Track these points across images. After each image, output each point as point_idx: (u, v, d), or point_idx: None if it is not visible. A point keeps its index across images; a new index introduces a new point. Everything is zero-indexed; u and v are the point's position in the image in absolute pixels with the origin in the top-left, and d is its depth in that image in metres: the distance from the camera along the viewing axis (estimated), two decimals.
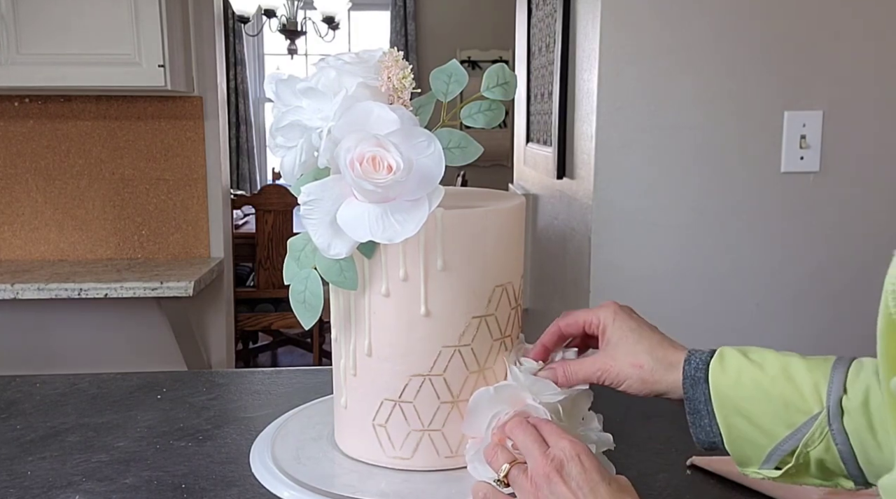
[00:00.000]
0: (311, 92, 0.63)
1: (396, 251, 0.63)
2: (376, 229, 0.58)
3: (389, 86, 0.62)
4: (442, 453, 0.67)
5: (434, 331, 0.65)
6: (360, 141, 0.58)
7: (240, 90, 5.71)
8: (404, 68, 0.62)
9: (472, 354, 0.66)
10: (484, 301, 0.66)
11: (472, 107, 0.67)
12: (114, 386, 1.08)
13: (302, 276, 0.63)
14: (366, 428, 0.67)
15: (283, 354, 4.21)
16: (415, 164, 0.58)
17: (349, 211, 0.59)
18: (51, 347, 2.48)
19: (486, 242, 0.66)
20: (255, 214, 3.35)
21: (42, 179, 2.43)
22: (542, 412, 0.63)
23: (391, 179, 0.57)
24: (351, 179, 0.57)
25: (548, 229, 2.08)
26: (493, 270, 0.67)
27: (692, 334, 1.57)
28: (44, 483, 0.79)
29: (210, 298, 2.53)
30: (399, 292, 0.64)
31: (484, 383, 0.67)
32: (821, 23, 1.51)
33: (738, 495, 0.78)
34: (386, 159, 0.57)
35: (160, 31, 2.11)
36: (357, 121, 0.59)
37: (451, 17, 5.59)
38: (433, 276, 0.63)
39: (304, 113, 0.63)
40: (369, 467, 0.68)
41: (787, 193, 1.56)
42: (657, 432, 0.92)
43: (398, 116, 0.59)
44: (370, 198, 0.58)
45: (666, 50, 1.51)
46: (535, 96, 2.29)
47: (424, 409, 0.66)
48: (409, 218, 0.58)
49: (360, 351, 0.66)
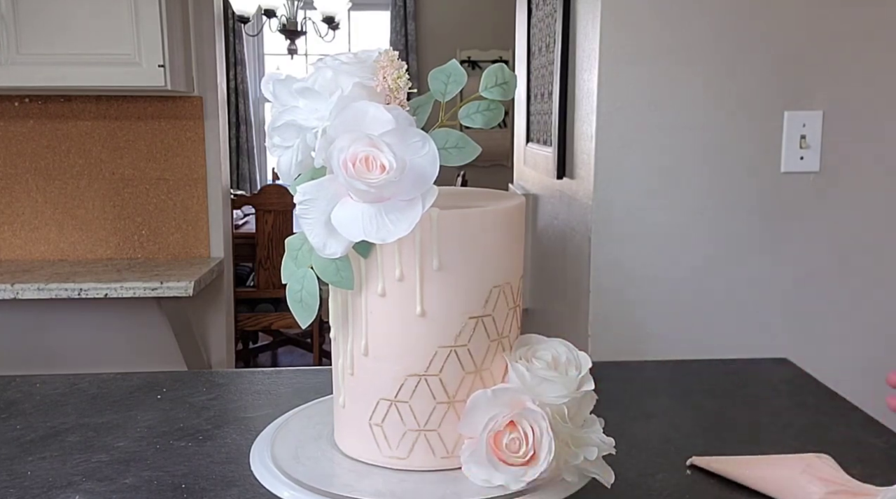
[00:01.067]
0: (307, 92, 0.63)
1: (392, 251, 0.63)
2: (370, 229, 0.58)
3: (385, 86, 0.62)
4: (438, 453, 0.67)
5: (430, 331, 0.64)
6: (353, 141, 0.58)
7: (240, 90, 5.71)
8: (399, 68, 0.62)
9: (468, 354, 0.66)
10: (481, 302, 0.66)
11: (471, 107, 0.67)
12: (114, 386, 1.08)
13: (299, 275, 0.63)
14: (363, 427, 0.68)
15: (283, 354, 4.21)
16: (408, 164, 0.58)
17: (343, 211, 0.59)
18: (51, 348, 2.48)
19: (483, 243, 0.66)
20: (255, 214, 3.36)
21: (42, 178, 2.43)
22: (539, 416, 0.62)
23: (384, 178, 0.57)
24: (344, 179, 0.57)
25: (548, 229, 2.08)
26: (491, 270, 0.66)
27: (692, 334, 1.57)
28: (44, 483, 0.79)
29: (210, 298, 2.53)
30: (395, 292, 0.64)
31: (481, 383, 0.67)
32: (821, 23, 1.51)
33: (738, 495, 0.78)
34: (379, 159, 0.57)
35: (160, 31, 2.11)
36: (352, 121, 0.60)
37: (451, 17, 5.59)
38: (429, 276, 0.63)
39: (300, 113, 0.63)
40: (368, 467, 0.68)
41: (787, 193, 1.56)
42: (657, 432, 0.92)
43: (393, 117, 0.60)
44: (364, 198, 0.59)
45: (666, 50, 1.51)
46: (535, 96, 2.29)
47: (420, 409, 0.66)
48: (402, 218, 0.58)
49: (357, 351, 0.66)
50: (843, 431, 0.93)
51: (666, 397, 1.06)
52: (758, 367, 1.14)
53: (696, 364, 1.21)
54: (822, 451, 0.77)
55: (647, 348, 1.56)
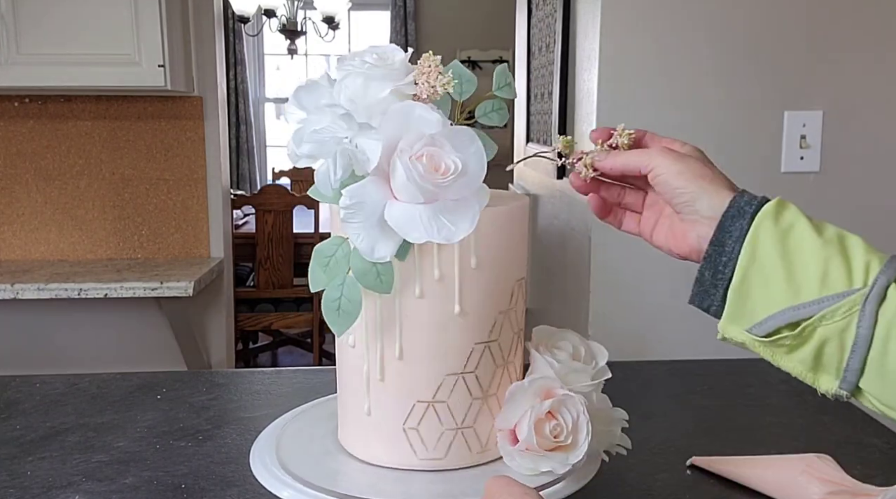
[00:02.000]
0: (336, 105, 0.61)
1: (431, 252, 0.63)
2: (431, 230, 0.57)
3: (433, 93, 0.61)
4: (474, 449, 0.68)
5: (467, 329, 0.65)
6: (415, 141, 0.57)
7: (240, 90, 5.71)
8: (445, 73, 0.62)
9: (498, 349, 0.67)
10: (508, 296, 0.67)
11: (486, 106, 0.68)
12: (114, 386, 1.08)
13: (336, 282, 0.61)
14: (395, 433, 0.67)
15: (283, 354, 4.21)
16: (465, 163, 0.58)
17: (398, 213, 0.58)
18: (51, 347, 2.48)
19: (511, 239, 0.67)
20: (255, 214, 3.35)
21: (42, 179, 2.43)
22: (577, 401, 0.64)
23: (451, 179, 0.57)
24: (412, 180, 0.56)
25: (548, 229, 2.08)
26: (515, 265, 0.68)
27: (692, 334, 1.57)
28: (44, 483, 0.79)
29: (210, 298, 2.53)
30: (433, 293, 0.64)
31: (508, 376, 0.68)
32: (821, 23, 1.51)
33: (738, 495, 0.78)
34: (443, 159, 0.57)
35: (160, 31, 2.11)
36: (401, 121, 0.59)
37: (451, 17, 5.59)
38: (467, 274, 0.64)
39: (333, 121, 0.61)
40: (370, 467, 0.68)
41: (787, 193, 1.55)
42: (657, 432, 0.92)
43: (440, 116, 0.59)
44: (426, 198, 0.58)
45: (666, 50, 1.51)
46: (535, 96, 2.29)
47: (458, 407, 0.66)
48: (459, 217, 0.58)
49: (390, 355, 0.66)
50: (843, 431, 0.93)
51: (666, 397, 1.06)
52: (758, 367, 1.14)
53: (696, 364, 1.21)
54: (822, 451, 0.77)
55: (647, 348, 1.56)
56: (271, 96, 6.00)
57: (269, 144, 6.03)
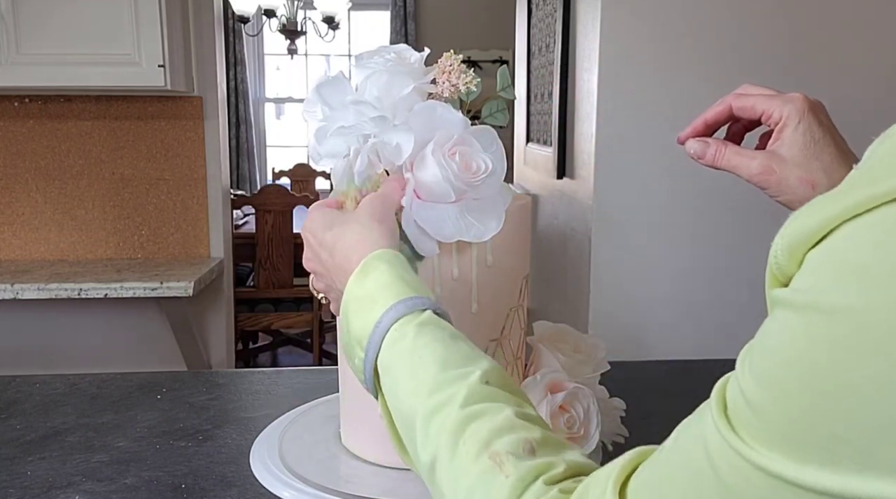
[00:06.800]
0: (364, 103, 0.61)
1: (450, 251, 0.63)
2: (461, 228, 0.58)
3: (455, 91, 0.61)
4: None
5: (481, 325, 0.66)
6: (446, 140, 0.57)
7: (240, 90, 5.70)
8: (466, 72, 0.62)
9: (509, 345, 0.68)
10: (517, 293, 0.68)
11: (491, 106, 0.69)
12: (114, 386, 1.08)
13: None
14: None
15: (283, 354, 4.21)
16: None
17: (426, 213, 0.58)
18: (51, 347, 2.48)
19: (517, 236, 0.68)
20: (255, 214, 3.35)
21: (42, 179, 2.43)
22: (588, 394, 0.65)
23: (482, 178, 0.57)
24: (446, 179, 0.56)
25: (548, 229, 2.08)
26: (522, 262, 0.69)
27: (692, 334, 1.57)
28: (44, 483, 0.79)
29: (210, 298, 2.53)
30: (450, 291, 0.64)
31: (516, 372, 0.69)
32: (821, 23, 1.51)
33: None
34: (474, 159, 0.57)
35: (160, 31, 2.11)
36: (426, 119, 0.59)
37: (451, 17, 5.59)
38: (483, 272, 0.65)
39: (357, 117, 0.60)
40: (370, 466, 0.68)
41: None
42: (657, 432, 0.92)
43: (462, 116, 0.59)
44: (457, 196, 0.58)
45: (666, 50, 1.51)
46: (535, 96, 2.29)
47: None
48: (485, 216, 0.58)
49: None
50: None
51: (666, 397, 1.06)
52: None
53: (696, 364, 1.20)
54: None
55: (648, 348, 1.56)
56: (271, 96, 6.00)
57: (269, 144, 6.02)
